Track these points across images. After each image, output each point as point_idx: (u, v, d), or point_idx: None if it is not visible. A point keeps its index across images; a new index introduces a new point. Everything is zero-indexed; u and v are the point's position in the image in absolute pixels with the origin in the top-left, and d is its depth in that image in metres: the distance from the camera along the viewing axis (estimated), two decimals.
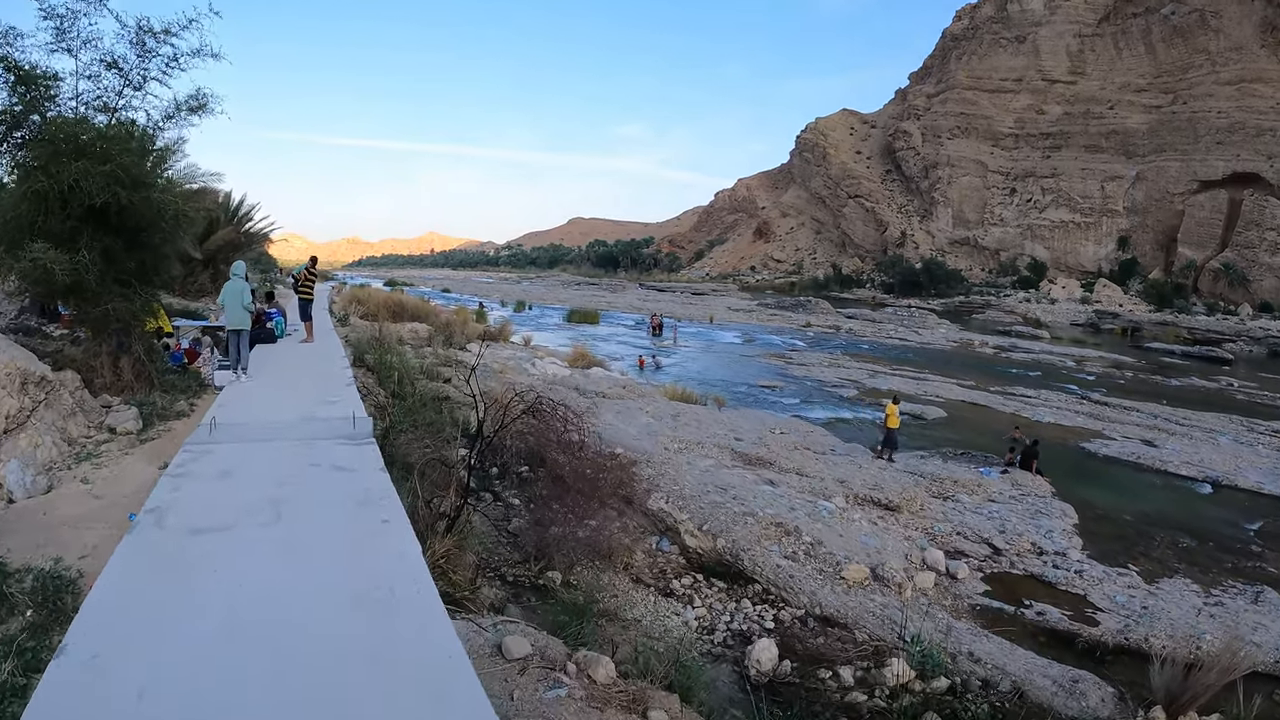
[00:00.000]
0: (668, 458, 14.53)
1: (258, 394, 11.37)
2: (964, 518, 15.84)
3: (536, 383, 21.67)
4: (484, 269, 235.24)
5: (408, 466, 10.43)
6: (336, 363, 14.94)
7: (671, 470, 13.68)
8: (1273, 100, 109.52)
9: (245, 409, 9.98)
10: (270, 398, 11.05)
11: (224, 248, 31.86)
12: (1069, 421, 28.58)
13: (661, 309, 72.58)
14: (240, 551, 5.21)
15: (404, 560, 5.11)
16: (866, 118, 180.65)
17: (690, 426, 17.59)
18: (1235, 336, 78.20)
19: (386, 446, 10.74)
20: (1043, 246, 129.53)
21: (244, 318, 13.00)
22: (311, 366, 14.48)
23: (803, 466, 15.91)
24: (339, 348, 17.40)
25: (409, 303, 34.49)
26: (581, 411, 12.77)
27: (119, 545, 5.16)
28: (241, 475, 6.97)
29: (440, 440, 11.37)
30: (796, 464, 15.96)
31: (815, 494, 14.57)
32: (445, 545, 7.42)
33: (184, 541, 5.32)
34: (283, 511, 5.99)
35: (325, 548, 5.37)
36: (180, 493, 6.36)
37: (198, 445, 7.85)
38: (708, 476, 14.02)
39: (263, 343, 16.81)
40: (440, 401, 15.48)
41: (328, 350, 16.94)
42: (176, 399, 11.20)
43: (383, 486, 6.72)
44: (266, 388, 12.02)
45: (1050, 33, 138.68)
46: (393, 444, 10.72)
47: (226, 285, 13.38)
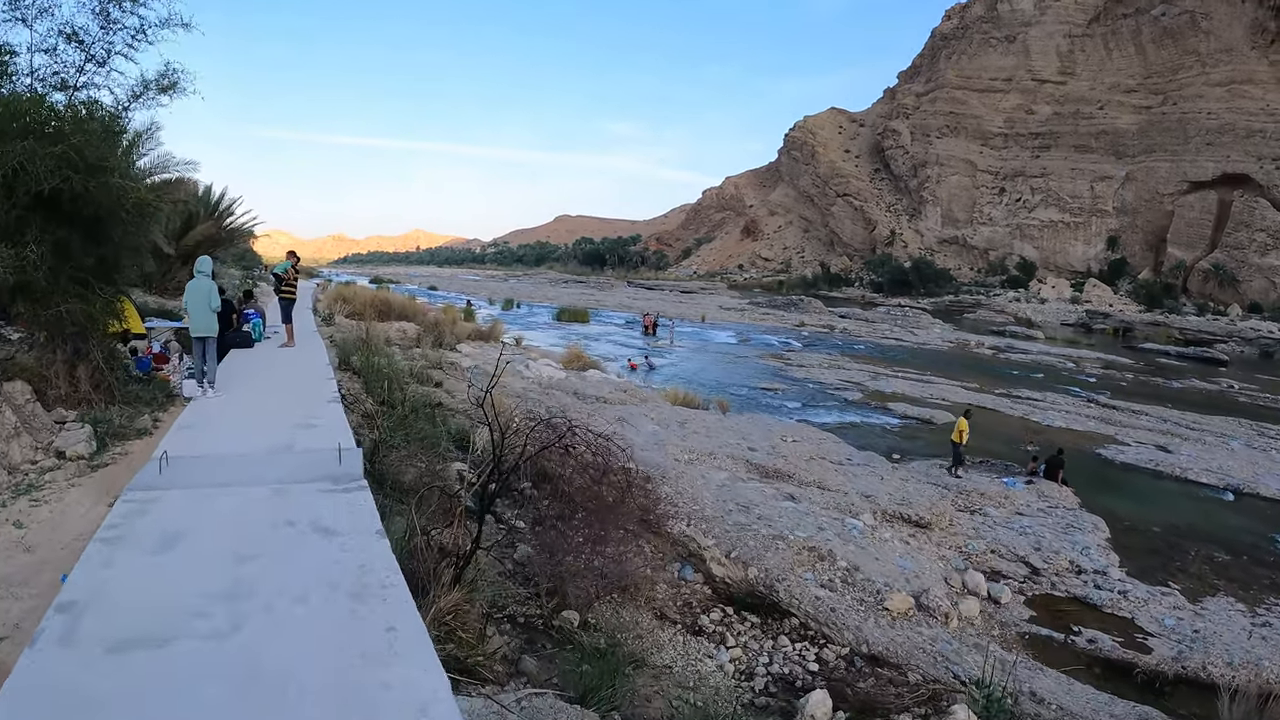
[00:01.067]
0: (681, 471, 13.42)
1: (225, 415, 10.00)
2: (996, 534, 14.90)
3: (531, 386, 20.51)
4: (470, 267, 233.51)
5: (401, 489, 9.29)
6: (319, 372, 13.60)
7: (688, 486, 12.56)
8: (1263, 102, 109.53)
9: (208, 436, 8.62)
10: (239, 420, 9.71)
11: (203, 243, 30.55)
12: (1080, 426, 27.78)
13: (651, 308, 71.49)
14: (175, 691, 3.59)
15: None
16: (855, 116, 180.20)
17: (699, 435, 16.49)
18: (1227, 337, 78.06)
19: (376, 463, 9.59)
20: (1032, 246, 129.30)
21: (210, 322, 11.43)
22: (290, 377, 13.16)
23: (823, 479, 14.84)
24: (323, 353, 16.14)
25: (396, 301, 33.19)
26: (629, 446, 11.42)
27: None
28: (192, 542, 5.34)
29: (435, 456, 10.18)
30: (817, 476, 14.89)
31: (841, 510, 13.52)
32: (452, 599, 6.17)
33: (98, 670, 3.72)
34: (243, 611, 4.36)
35: (302, 686, 3.67)
36: (111, 571, 4.80)
37: (141, 492, 6.25)
38: (726, 492, 12.91)
39: (238, 347, 15.46)
40: (433, 409, 14.28)
41: (310, 357, 15.61)
42: (139, 413, 9.80)
43: (383, 563, 5.06)
44: (236, 405, 10.66)
45: (1040, 33, 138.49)
46: (383, 460, 9.56)
47: (190, 285, 11.69)
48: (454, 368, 21.11)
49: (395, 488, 9.22)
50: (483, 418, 13.39)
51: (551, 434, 8.51)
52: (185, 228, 28.93)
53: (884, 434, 23.37)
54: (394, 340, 23.97)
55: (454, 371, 20.48)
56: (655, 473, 12.47)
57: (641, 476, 11.87)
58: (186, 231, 28.86)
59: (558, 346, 37.05)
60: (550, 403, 17.38)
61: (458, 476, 11.11)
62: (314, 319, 24.40)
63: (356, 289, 40.91)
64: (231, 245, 39.04)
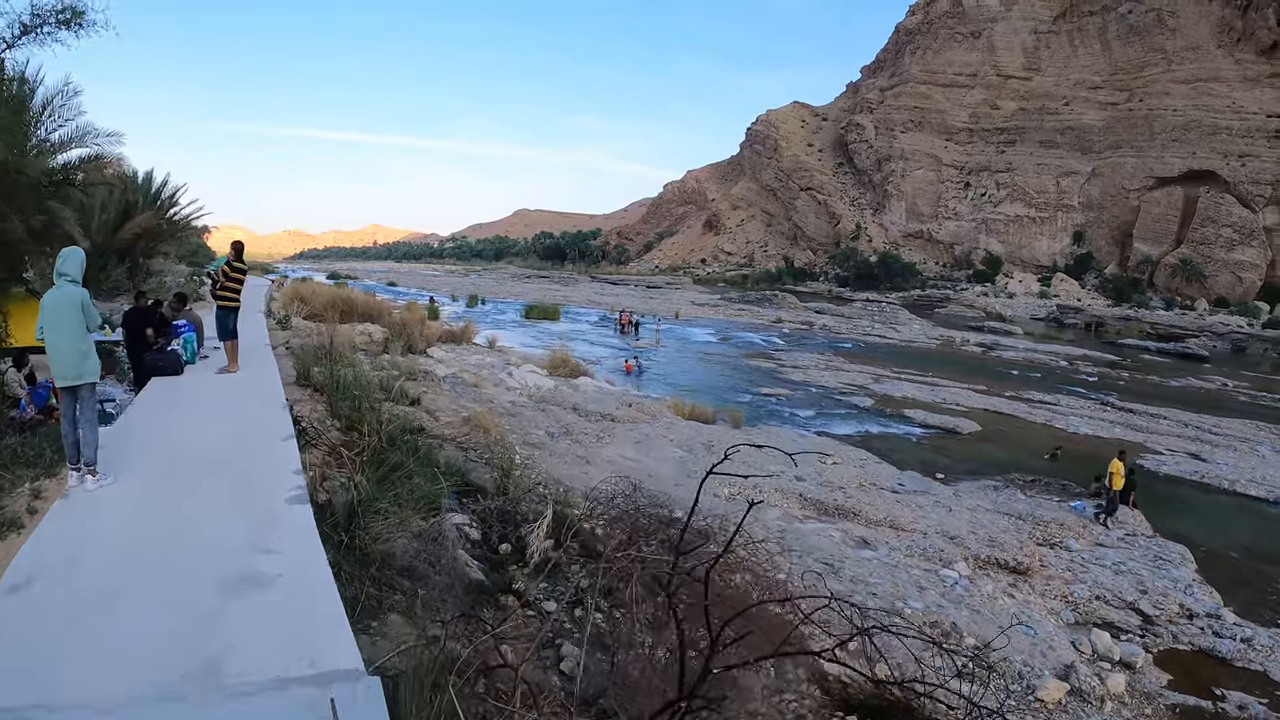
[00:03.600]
0: (726, 510, 10.87)
1: (96, 546, 5.42)
2: (1091, 574, 12.66)
3: (520, 399, 17.76)
4: (429, 262, 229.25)
5: (392, 568, 6.58)
6: (272, 424, 8.98)
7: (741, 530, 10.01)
8: (1229, 99, 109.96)
9: (44, 627, 4.15)
10: (121, 559, 5.22)
11: (143, 236, 27.17)
12: (1106, 433, 25.88)
13: (620, 304, 68.95)
14: None
15: None
16: (818, 110, 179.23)
17: (731, 459, 13.93)
18: (1198, 332, 77.85)
19: (354, 530, 6.85)
20: (997, 240, 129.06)
21: (80, 360, 6.73)
22: (228, 435, 8.40)
23: (893, 516, 12.38)
24: (276, 385, 11.53)
25: (359, 300, 30.07)
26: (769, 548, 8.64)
27: None
28: None
29: (433, 531, 7.39)
30: (885, 513, 12.42)
31: (930, 559, 11.10)
32: None
33: None
34: None
35: None
36: None
37: None
38: (793, 540, 10.39)
39: (162, 374, 11.30)
40: (415, 437, 11.53)
41: (259, 390, 11.06)
42: (17, 482, 6.62)
43: None
44: (123, 513, 6.08)
45: (1006, 29, 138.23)
46: (363, 525, 6.81)
47: (46, 297, 6.86)
48: (429, 378, 18.25)
49: (382, 566, 6.52)
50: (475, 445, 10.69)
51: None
52: (121, 218, 25.56)
53: (914, 447, 21.06)
54: (359, 345, 21.05)
55: (431, 383, 17.64)
56: (713, 523, 9.88)
57: (697, 531, 9.30)
58: (123, 222, 25.48)
59: (535, 348, 34.27)
60: (550, 423, 14.70)
61: (459, 536, 8.38)
62: (267, 324, 21.37)
63: (314, 286, 37.68)
64: (175, 239, 35.52)
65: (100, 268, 25.13)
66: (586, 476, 11.36)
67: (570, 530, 9.12)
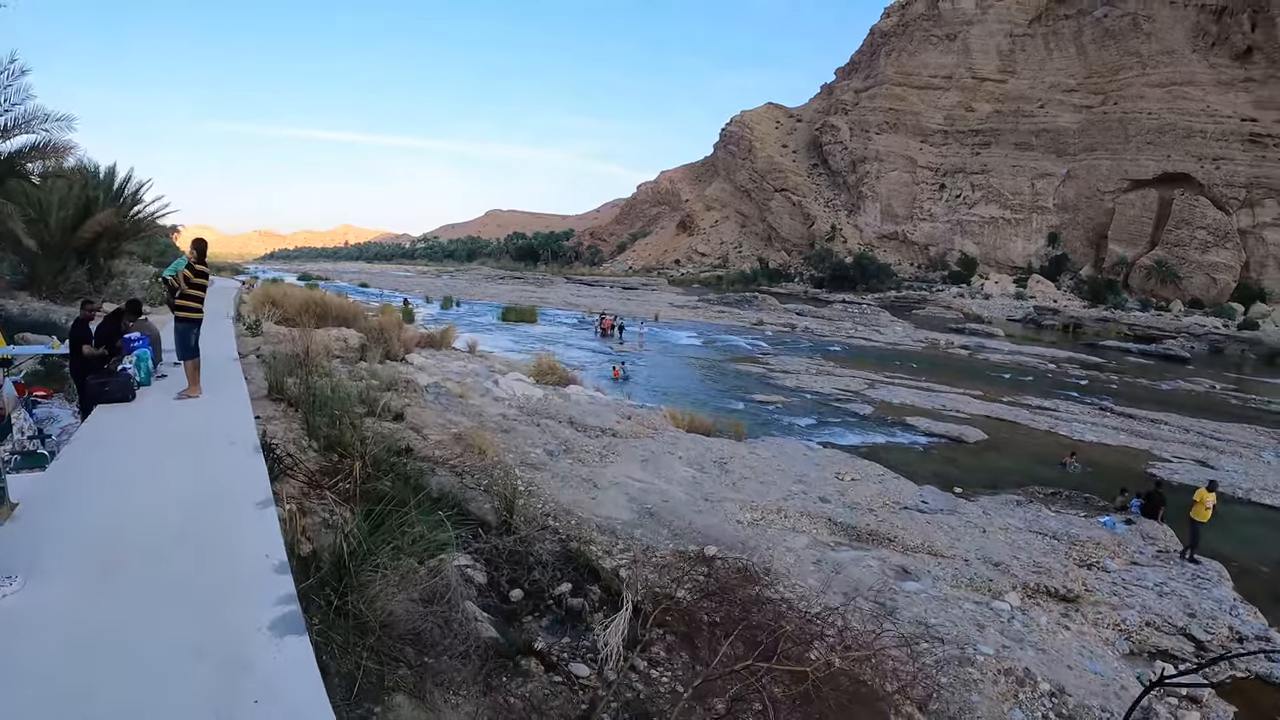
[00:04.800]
0: (757, 540, 9.78)
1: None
2: (1135, 596, 11.76)
3: (510, 411, 16.52)
4: (400, 262, 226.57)
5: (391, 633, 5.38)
6: (245, 477, 6.83)
7: (779, 567, 8.92)
8: (1203, 103, 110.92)
9: None
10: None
11: (104, 235, 25.60)
12: (1111, 440, 25.15)
13: (597, 305, 67.84)
14: None
15: None
16: (792, 112, 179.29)
17: (749, 479, 12.76)
18: (1175, 333, 78.15)
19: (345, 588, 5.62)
20: (972, 242, 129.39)
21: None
22: (189, 498, 6.33)
23: (930, 540, 11.31)
24: (246, 415, 9.27)
25: (333, 303, 28.56)
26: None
27: None
28: None
29: (440, 586, 6.14)
30: (920, 537, 11.35)
31: (976, 588, 10.07)
32: None
33: None
34: None
35: None
36: None
37: None
38: (830, 572, 9.31)
39: (111, 400, 9.25)
40: (403, 460, 10.31)
41: (228, 421, 8.81)
42: None
43: None
44: (34, 659, 3.92)
45: (981, 31, 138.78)
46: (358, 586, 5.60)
47: None
48: (411, 388, 16.97)
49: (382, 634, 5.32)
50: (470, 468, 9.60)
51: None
52: (81, 216, 24.13)
53: (922, 458, 20.06)
54: (334, 352, 19.72)
55: (413, 394, 16.37)
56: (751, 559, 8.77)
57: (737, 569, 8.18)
58: (83, 220, 24.01)
59: (517, 353, 32.99)
60: (548, 439, 13.49)
61: (460, 580, 7.17)
62: (235, 330, 19.93)
63: (286, 288, 36.08)
64: (140, 238, 33.75)
65: (58, 269, 23.57)
66: (595, 502, 10.20)
67: (587, 568, 7.98)
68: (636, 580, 7.75)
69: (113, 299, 24.41)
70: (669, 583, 7.78)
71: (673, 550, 8.68)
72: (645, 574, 7.93)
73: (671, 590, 7.63)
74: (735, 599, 7.67)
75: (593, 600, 7.50)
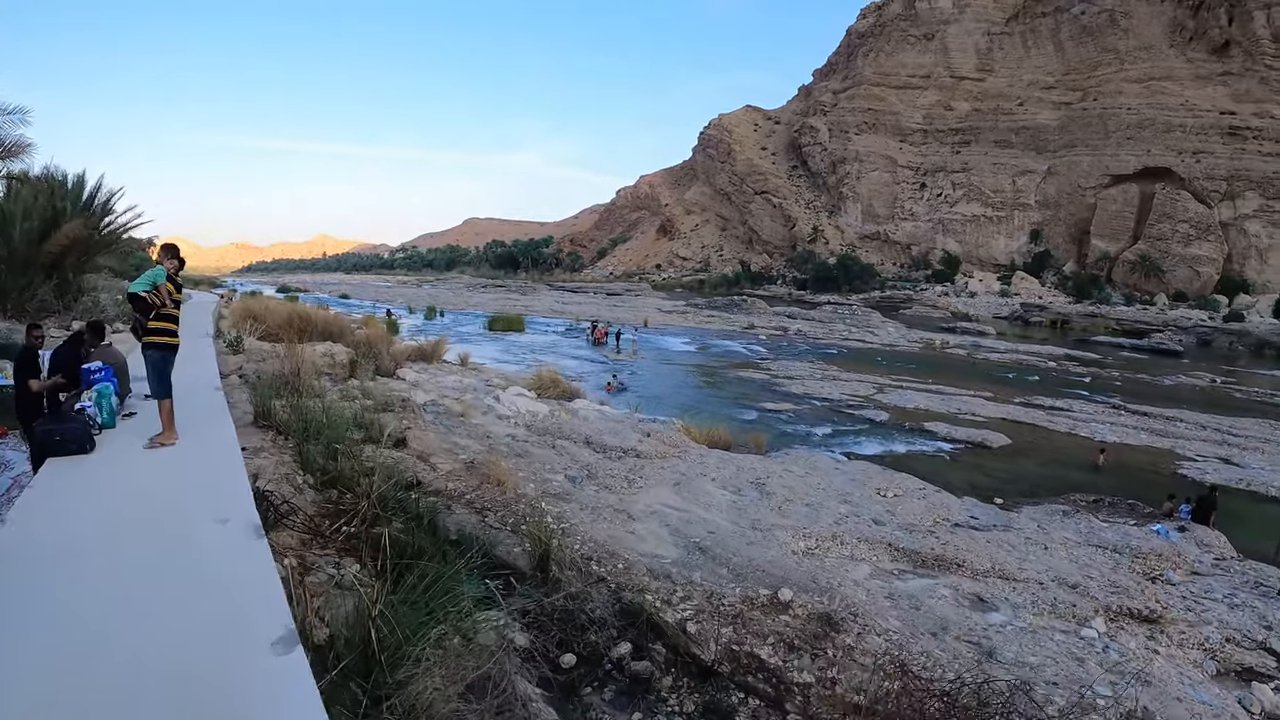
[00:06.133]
0: (819, 572, 8.64)
1: None
2: (1208, 610, 10.76)
3: (519, 430, 15.27)
4: (379, 273, 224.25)
5: None
6: (247, 595, 4.55)
7: (858, 608, 7.78)
8: (1181, 97, 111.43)
9: None
10: None
11: (74, 248, 23.96)
12: (1133, 440, 24.31)
13: (584, 312, 66.66)
14: None
15: None
16: (770, 114, 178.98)
17: (793, 501, 11.48)
18: (1162, 327, 77.97)
19: (375, 681, 4.38)
20: (954, 240, 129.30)
21: None
22: (156, 622, 4.18)
23: (998, 563, 10.19)
24: (239, 476, 6.99)
25: (317, 316, 27.13)
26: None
27: None
28: None
29: (494, 672, 4.88)
30: (987, 559, 10.22)
31: (1060, 615, 9.00)
32: None
33: None
34: None
35: None
36: None
37: None
38: (907, 606, 8.19)
39: (62, 451, 7.22)
40: (412, 493, 9.07)
41: (215, 482, 6.79)
42: None
43: None
44: None
45: (959, 30, 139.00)
46: (390, 675, 4.35)
47: None
48: (408, 408, 15.70)
49: None
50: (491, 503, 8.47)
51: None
52: (48, 227, 22.40)
53: (951, 466, 19.03)
54: (323, 369, 18.38)
55: (410, 414, 15.10)
56: (831, 603, 7.61)
57: (818, 616, 7.00)
58: (49, 232, 22.29)
59: (510, 364, 31.72)
60: (567, 463, 12.24)
61: (502, 648, 5.95)
62: (215, 348, 18.55)
63: (266, 301, 34.59)
64: (112, 251, 32.04)
65: (23, 286, 22.01)
66: (635, 538, 9.01)
67: (648, 624, 6.79)
68: (707, 636, 6.58)
69: (83, 316, 22.86)
70: (746, 637, 6.61)
71: (741, 595, 7.51)
72: (716, 627, 6.74)
73: (751, 646, 6.48)
74: (824, 653, 6.53)
75: (659, 662, 6.32)
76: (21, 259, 21.80)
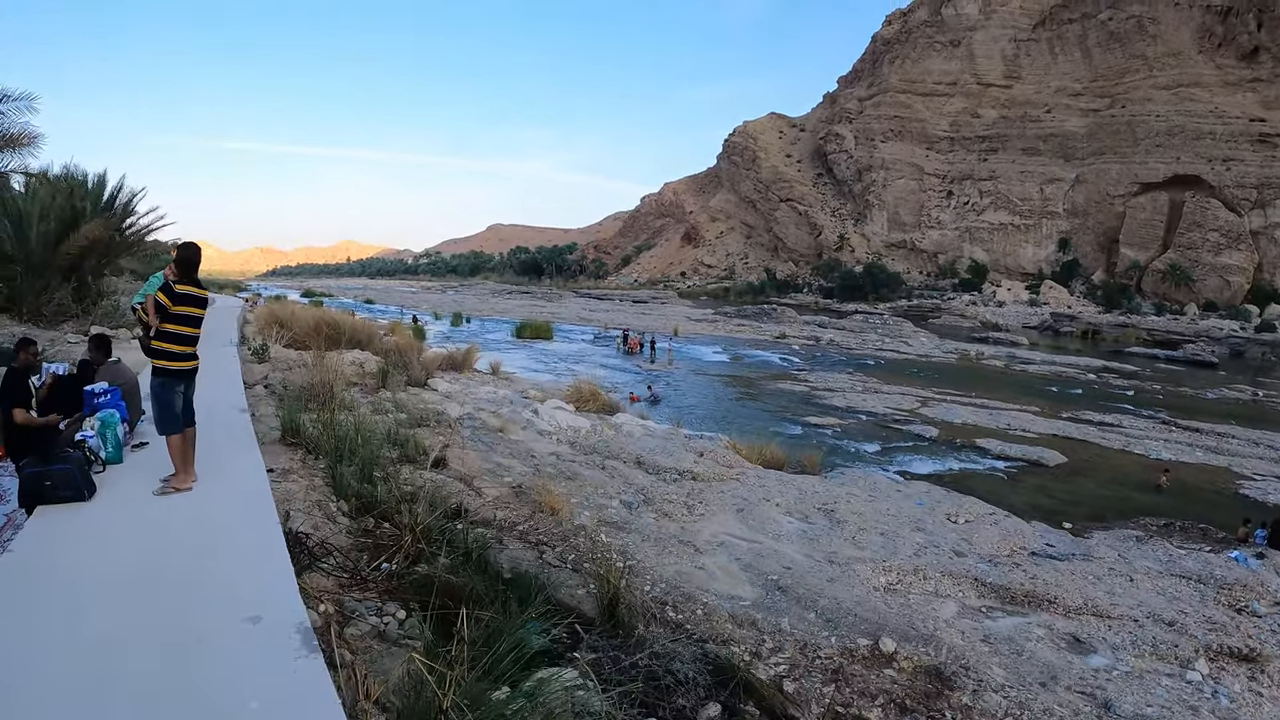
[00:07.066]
0: (915, 618, 7.82)
1: None
2: None
3: (562, 448, 14.52)
4: (403, 278, 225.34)
5: None
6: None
7: (967, 659, 6.98)
8: (1211, 104, 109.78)
9: None
10: None
11: (93, 250, 23.36)
12: (1189, 458, 23.18)
13: (613, 319, 65.95)
14: None
15: None
16: (795, 121, 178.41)
17: (867, 530, 10.56)
18: (1194, 337, 76.20)
19: None
20: (982, 249, 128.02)
21: None
22: None
23: (1090, 598, 9.36)
24: (276, 546, 5.42)
25: (345, 323, 26.50)
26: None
27: None
28: None
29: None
30: (1078, 595, 9.37)
31: (1160, 657, 8.19)
32: None
33: None
34: None
35: None
36: None
37: None
38: (1010, 655, 7.38)
39: (52, 499, 6.03)
40: (459, 520, 8.31)
41: (244, 558, 5.26)
42: None
43: None
44: None
45: (985, 37, 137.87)
46: None
47: None
48: (444, 422, 14.99)
49: None
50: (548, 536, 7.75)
51: None
52: (66, 228, 21.65)
53: (1010, 486, 18.07)
54: (352, 379, 17.71)
55: (447, 429, 14.39)
56: (939, 654, 6.81)
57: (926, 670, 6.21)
58: (68, 233, 21.53)
59: (542, 373, 31.03)
60: (620, 486, 11.45)
61: None
62: (240, 357, 17.88)
63: (293, 307, 34.02)
64: (134, 253, 31.37)
65: (40, 289, 21.38)
66: (706, 575, 8.22)
67: (735, 680, 6.01)
68: (808, 696, 5.79)
69: (102, 321, 22.23)
70: (852, 697, 5.81)
71: (838, 646, 6.71)
72: (816, 685, 5.95)
73: (859, 709, 5.68)
74: (942, 715, 5.73)
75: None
76: (39, 261, 21.21)
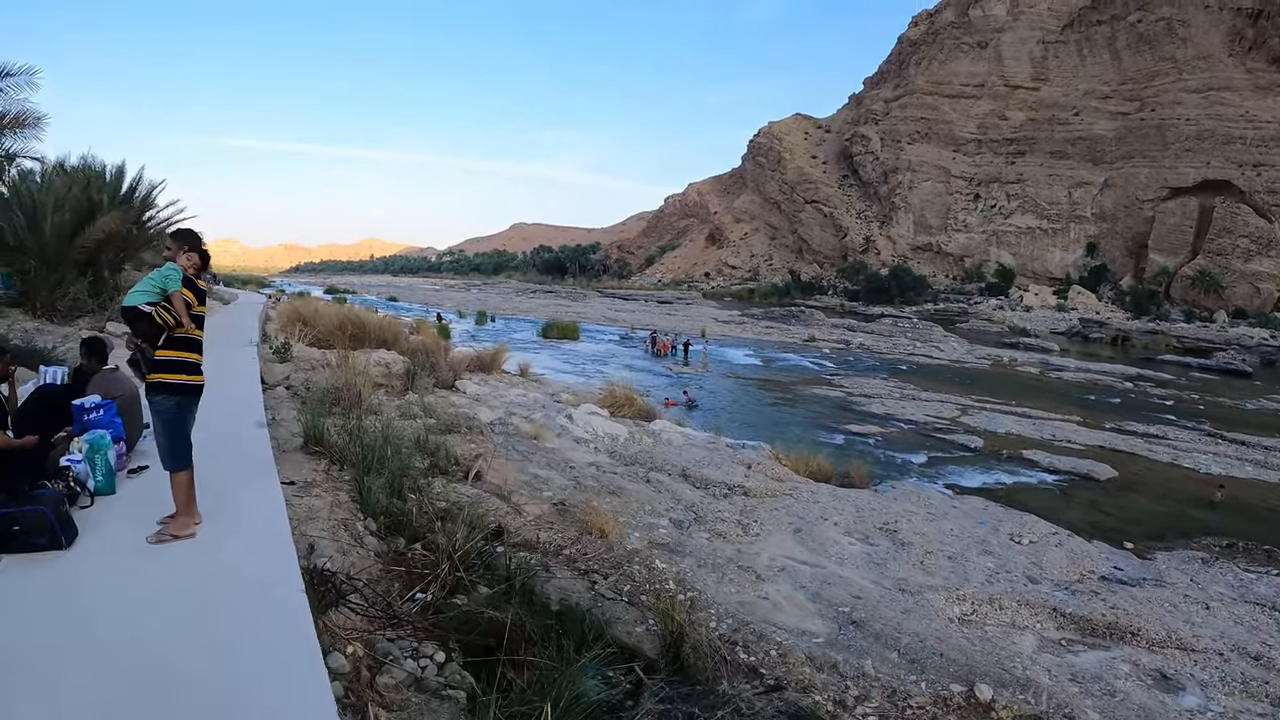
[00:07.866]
0: (1005, 659, 7.13)
1: None
2: None
3: (601, 457, 13.89)
4: (426, 276, 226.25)
5: None
6: None
7: (1072, 708, 6.30)
8: (1241, 109, 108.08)
9: None
10: None
11: (110, 244, 22.68)
12: (1239, 473, 22.18)
13: (638, 319, 65.53)
14: None
15: None
16: (820, 122, 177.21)
17: (934, 554, 9.78)
18: (1225, 345, 74.67)
19: None
20: (1009, 253, 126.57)
21: None
22: None
23: (1173, 630, 8.64)
24: (307, 632, 3.86)
25: (370, 321, 25.99)
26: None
27: None
28: None
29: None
30: (1161, 627, 8.67)
31: (1251, 694, 7.54)
32: None
33: None
34: None
35: None
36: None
37: None
38: (1103, 697, 6.70)
39: (23, 547, 4.69)
40: (494, 545, 7.65)
41: (267, 642, 3.77)
42: None
43: None
44: None
45: (1013, 39, 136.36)
46: None
47: None
48: (475, 428, 14.39)
49: None
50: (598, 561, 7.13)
51: None
52: (82, 221, 20.95)
53: (1062, 501, 17.22)
54: (377, 379, 17.12)
55: (479, 436, 13.79)
56: (1040, 702, 6.15)
57: None
58: (84, 226, 20.87)
59: (571, 375, 30.44)
60: (667, 502, 10.79)
61: None
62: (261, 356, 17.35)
63: (315, 304, 33.58)
64: (152, 246, 30.69)
65: (55, 283, 20.81)
66: (769, 604, 7.55)
67: None
68: None
69: (118, 316, 21.67)
70: None
71: (930, 695, 6.05)
72: None
73: None
74: None
75: None
76: (53, 254, 20.65)
